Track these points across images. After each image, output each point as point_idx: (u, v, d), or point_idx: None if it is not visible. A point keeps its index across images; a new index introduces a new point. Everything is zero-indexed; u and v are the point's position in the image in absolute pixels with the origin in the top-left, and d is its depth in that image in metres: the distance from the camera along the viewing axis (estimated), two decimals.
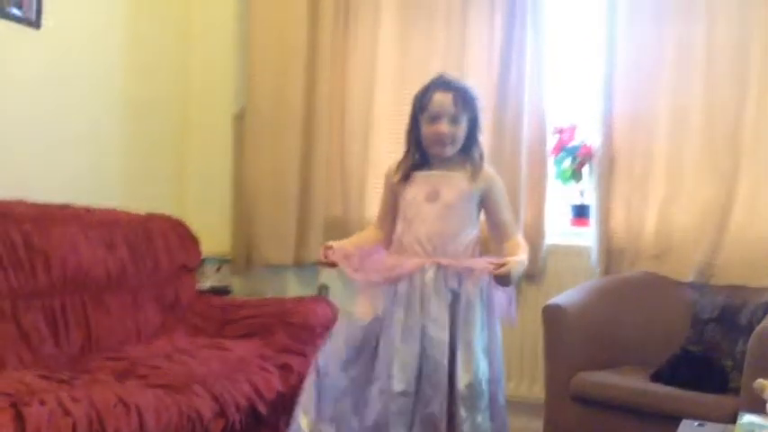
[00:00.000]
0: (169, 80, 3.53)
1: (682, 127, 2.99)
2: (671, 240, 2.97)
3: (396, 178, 2.22)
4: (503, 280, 2.03)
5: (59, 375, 2.05)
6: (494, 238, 2.25)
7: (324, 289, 3.51)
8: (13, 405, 1.69)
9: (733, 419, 1.77)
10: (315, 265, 3.55)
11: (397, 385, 2.02)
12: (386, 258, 2.17)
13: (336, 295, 3.26)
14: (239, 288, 3.60)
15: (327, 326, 2.77)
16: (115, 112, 3.20)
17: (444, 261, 2.09)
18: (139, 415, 1.82)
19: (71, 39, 2.94)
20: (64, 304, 2.42)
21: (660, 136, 3.03)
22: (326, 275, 3.57)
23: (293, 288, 3.58)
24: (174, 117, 3.58)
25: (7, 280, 2.27)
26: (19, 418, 1.65)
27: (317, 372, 2.12)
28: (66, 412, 1.72)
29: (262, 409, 2.18)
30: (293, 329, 2.65)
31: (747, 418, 1.64)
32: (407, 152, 2.22)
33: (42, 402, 1.74)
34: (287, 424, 2.34)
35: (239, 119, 3.64)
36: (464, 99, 2.13)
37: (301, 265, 3.58)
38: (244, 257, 3.62)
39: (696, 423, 1.75)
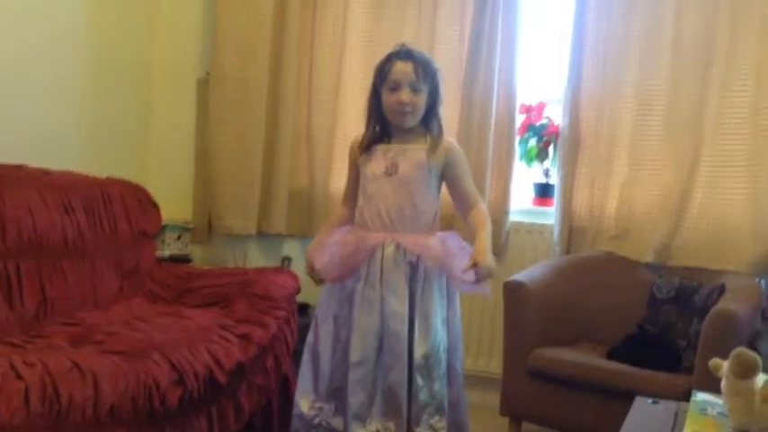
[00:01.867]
0: (134, 41, 3.44)
1: (646, 111, 3.02)
2: (631, 222, 3.01)
3: (358, 152, 2.22)
4: (487, 274, 2.04)
5: (12, 339, 2.00)
6: (458, 209, 2.26)
7: (287, 260, 3.48)
8: None
9: (686, 397, 1.80)
10: (277, 236, 3.53)
11: (354, 355, 2.07)
12: (347, 236, 2.17)
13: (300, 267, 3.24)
14: (200, 257, 3.56)
15: (289, 297, 2.75)
16: (77, 71, 3.10)
17: (405, 238, 2.10)
18: (95, 381, 1.77)
19: (31, 7, 2.82)
20: (18, 268, 2.34)
21: (625, 119, 3.05)
22: (290, 247, 3.56)
23: (255, 258, 3.55)
24: (139, 80, 3.49)
25: None
26: None
27: (311, 352, 2.17)
28: (19, 376, 1.67)
29: (221, 377, 2.15)
30: (254, 300, 2.62)
31: (701, 396, 1.67)
32: (368, 124, 2.21)
33: None
34: (245, 393, 2.34)
35: (204, 84, 3.56)
36: (425, 69, 2.12)
37: (264, 235, 3.54)
38: (205, 226, 3.57)
39: (650, 400, 1.78)
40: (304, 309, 3.06)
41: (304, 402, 2.14)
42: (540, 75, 3.39)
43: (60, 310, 2.43)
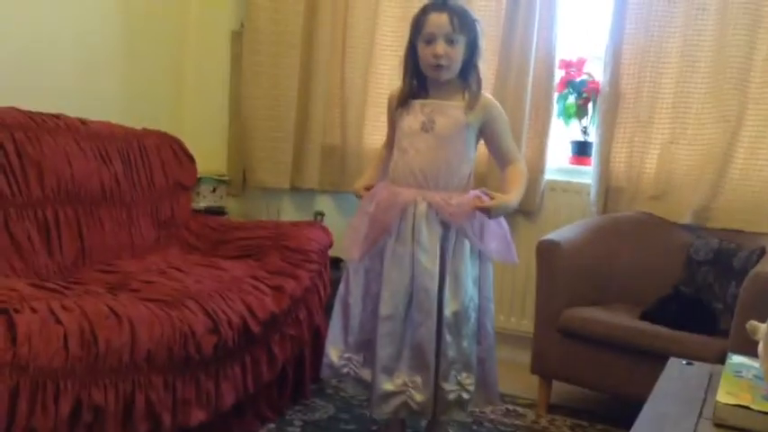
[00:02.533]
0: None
1: (690, 69, 2.93)
2: (671, 182, 2.95)
3: (394, 105, 2.19)
4: (486, 213, 2.06)
5: (51, 284, 2.04)
6: (497, 163, 2.24)
7: (319, 215, 3.49)
8: (4, 311, 1.68)
9: (721, 361, 1.77)
10: (310, 191, 3.53)
11: (384, 309, 2.07)
12: (381, 191, 2.16)
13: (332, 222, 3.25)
14: (234, 209, 3.58)
15: (322, 251, 2.76)
16: (112, 24, 3.10)
17: (436, 198, 2.08)
18: (132, 327, 1.80)
19: None
20: (57, 215, 2.38)
21: (668, 77, 2.97)
22: (322, 201, 3.56)
23: (288, 212, 3.56)
24: (173, 32, 3.48)
25: None
26: (10, 325, 1.63)
27: (342, 303, 2.17)
28: (58, 321, 1.70)
29: (254, 327, 2.17)
30: (287, 253, 2.63)
31: (736, 359, 1.64)
32: (405, 78, 2.17)
33: (34, 310, 1.72)
34: (278, 343, 2.37)
35: (238, 36, 3.54)
36: (461, 19, 2.06)
37: (297, 189, 3.55)
38: (240, 179, 3.58)
39: (684, 361, 1.76)
40: (336, 263, 3.07)
41: (334, 352, 2.16)
42: (580, 29, 3.30)
43: (98, 257, 2.47)
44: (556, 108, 3.23)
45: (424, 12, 2.10)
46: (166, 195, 2.88)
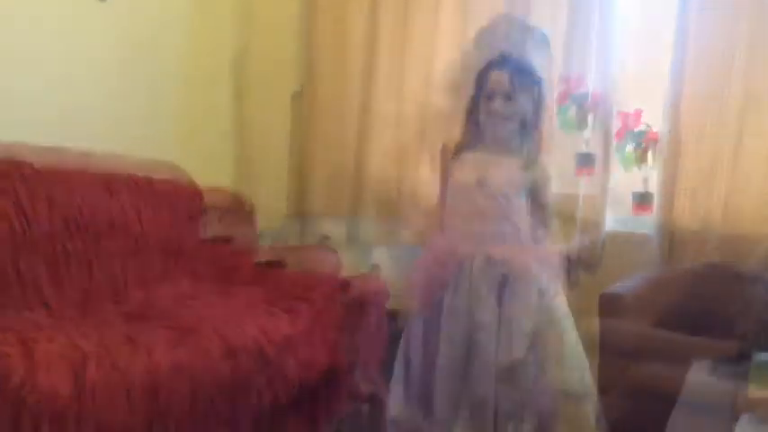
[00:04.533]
0: (231, 57, 3.57)
1: (753, 112, 2.86)
2: (739, 229, 2.86)
3: (448, 156, 2.24)
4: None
5: (66, 316, 2.07)
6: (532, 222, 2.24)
7: (325, 239, 3.48)
8: (22, 342, 1.70)
9: None
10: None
11: (441, 362, 2.08)
12: (437, 244, 2.19)
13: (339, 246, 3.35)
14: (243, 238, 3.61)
15: (332, 272, 2.81)
16: (177, 86, 3.29)
17: (495, 252, 2.08)
18: (149, 353, 1.79)
19: (136, 12, 3.05)
20: (66, 249, 2.37)
21: (729, 121, 2.92)
22: (378, 253, 3.54)
23: (293, 239, 3.58)
24: (235, 96, 3.62)
25: (9, 223, 2.20)
26: (28, 354, 1.64)
27: (404, 357, 2.20)
28: (76, 348, 1.70)
29: (269, 350, 2.16)
30: (298, 276, 2.68)
31: None
32: (465, 130, 2.22)
33: (51, 339, 1.75)
34: (293, 366, 2.34)
35: (297, 96, 3.64)
36: (521, 78, 2.13)
37: (355, 240, 3.54)
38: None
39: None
40: (393, 314, 3.01)
41: (396, 407, 2.16)
42: (635, 79, 3.23)
43: (109, 289, 2.46)
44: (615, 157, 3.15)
45: (488, 68, 2.17)
46: (174, 226, 2.85)
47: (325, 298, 2.59)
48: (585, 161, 3.16)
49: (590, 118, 3.15)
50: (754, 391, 1.29)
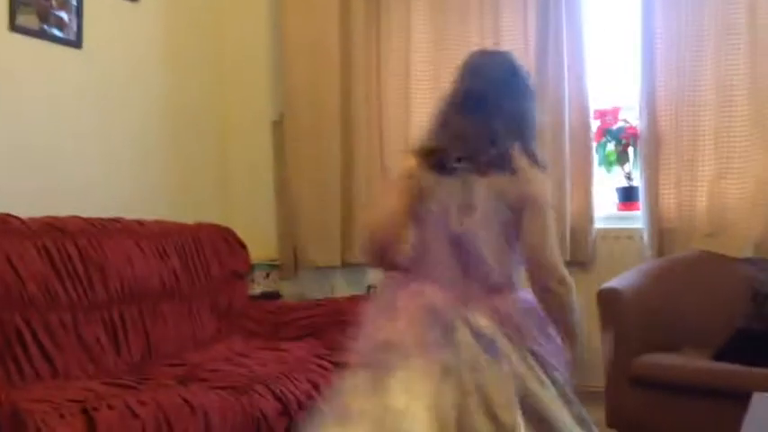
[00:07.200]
0: (207, 91, 3.59)
1: (728, 104, 2.95)
2: (724, 217, 2.93)
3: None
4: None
5: (124, 381, 2.09)
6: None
7: (372, 288, 3.51)
8: (84, 411, 1.74)
9: None
10: (360, 266, 3.56)
11: None
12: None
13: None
14: (289, 292, 3.63)
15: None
16: (156, 125, 3.27)
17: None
18: (205, 415, 1.84)
19: (111, 56, 3.02)
20: (122, 315, 2.48)
21: (706, 114, 2.99)
22: (373, 275, 3.59)
23: (341, 289, 3.60)
24: (215, 126, 3.63)
25: (66, 293, 2.34)
26: (90, 423, 1.68)
27: None
28: (135, 415, 1.75)
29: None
30: (347, 327, 2.64)
31: None
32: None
33: (111, 407, 1.78)
34: None
35: (278, 125, 3.67)
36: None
37: (348, 266, 3.59)
38: (291, 262, 3.65)
39: None
40: None
41: None
42: (611, 77, 3.34)
43: (164, 352, 2.54)
44: (596, 157, 3.24)
45: None
46: (223, 285, 2.96)
47: None
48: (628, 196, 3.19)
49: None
50: None
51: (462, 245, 1.71)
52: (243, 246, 3.11)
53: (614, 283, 2.66)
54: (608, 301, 2.60)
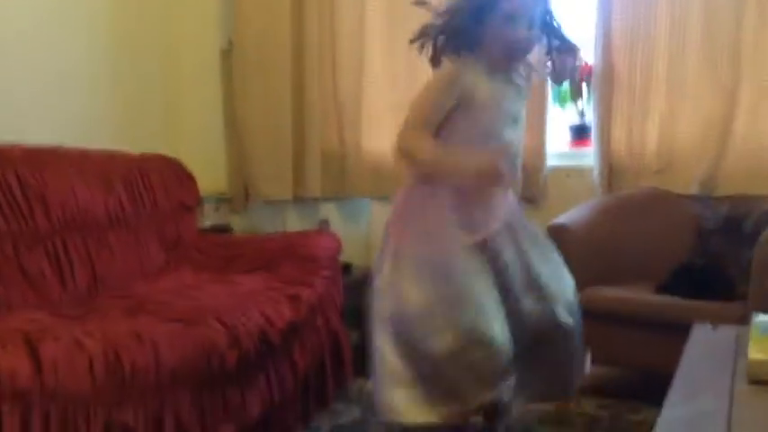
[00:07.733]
0: (154, 15, 3.43)
1: (681, 44, 2.95)
2: (673, 155, 2.97)
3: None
4: None
5: (70, 313, 2.04)
6: None
7: (324, 223, 3.50)
8: (27, 341, 1.69)
9: (742, 324, 1.79)
10: (313, 200, 3.54)
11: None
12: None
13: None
14: (239, 226, 3.58)
15: (332, 257, 2.77)
16: (103, 52, 3.13)
17: None
18: (154, 346, 1.81)
19: None
20: (66, 245, 2.40)
21: (659, 53, 2.99)
22: (326, 209, 3.57)
23: (293, 224, 3.57)
24: (162, 55, 3.49)
25: (7, 224, 2.25)
26: (34, 354, 1.64)
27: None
28: (81, 346, 1.71)
29: (274, 337, 2.19)
30: (299, 261, 2.64)
31: (762, 317, 1.65)
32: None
33: (56, 338, 1.73)
34: (299, 352, 2.38)
35: (227, 54, 3.56)
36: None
37: (300, 200, 3.56)
38: (242, 195, 3.60)
39: (709, 326, 1.77)
40: (347, 268, 3.08)
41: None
42: (566, 14, 3.31)
43: (110, 284, 2.48)
44: (550, 94, 3.24)
45: None
46: (171, 217, 2.89)
47: (327, 282, 2.61)
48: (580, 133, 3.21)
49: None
50: (754, 353, 1.38)
51: None
52: (191, 177, 3.04)
53: (563, 218, 2.69)
54: (556, 236, 2.62)
